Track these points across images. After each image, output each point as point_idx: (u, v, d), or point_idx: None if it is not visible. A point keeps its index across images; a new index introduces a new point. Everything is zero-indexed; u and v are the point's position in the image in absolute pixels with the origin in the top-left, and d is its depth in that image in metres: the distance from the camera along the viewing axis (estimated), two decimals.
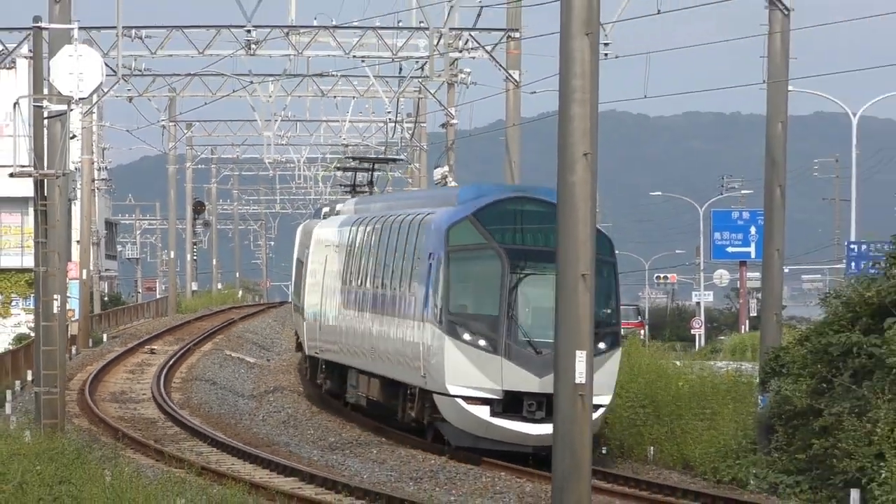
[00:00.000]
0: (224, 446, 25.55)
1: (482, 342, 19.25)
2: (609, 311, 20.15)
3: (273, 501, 17.21)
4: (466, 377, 19.20)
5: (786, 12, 21.91)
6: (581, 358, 12.02)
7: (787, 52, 22.04)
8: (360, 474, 22.76)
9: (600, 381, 17.36)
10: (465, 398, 19.16)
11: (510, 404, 19.17)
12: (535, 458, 19.53)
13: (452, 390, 19.24)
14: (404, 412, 22.97)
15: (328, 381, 34.74)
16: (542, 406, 18.78)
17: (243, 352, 50.54)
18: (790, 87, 22.68)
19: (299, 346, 39.60)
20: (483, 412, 19.16)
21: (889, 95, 58.26)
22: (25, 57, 37.45)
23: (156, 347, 49.44)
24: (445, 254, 19.86)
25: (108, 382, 40.31)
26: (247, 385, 41.41)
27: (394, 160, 46.17)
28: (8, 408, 30.94)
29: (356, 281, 27.80)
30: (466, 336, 19.31)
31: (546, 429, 17.57)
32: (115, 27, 30.50)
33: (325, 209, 42.49)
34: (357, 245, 27.90)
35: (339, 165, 51.86)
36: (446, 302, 19.59)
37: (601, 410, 18.99)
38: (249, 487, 17.62)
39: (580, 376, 11.89)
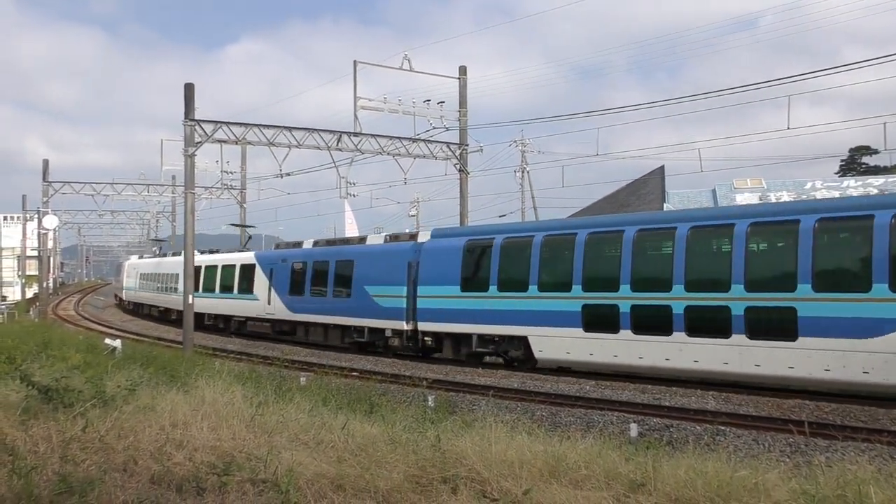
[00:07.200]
0: (94, 322, 50.62)
1: None
2: None
3: (102, 335, 30.90)
4: None
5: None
6: None
7: None
8: (130, 328, 44.16)
9: None
10: None
11: None
12: None
13: None
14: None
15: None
16: None
17: (100, 296, 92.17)
18: None
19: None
20: None
21: None
22: (35, 218, 65.22)
23: (74, 295, 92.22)
24: None
25: (60, 306, 73.18)
26: (100, 305, 76.19)
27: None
28: (32, 313, 58.71)
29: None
30: None
31: None
32: (61, 210, 68.70)
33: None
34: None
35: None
36: None
37: None
38: (99, 333, 35.58)
39: None
